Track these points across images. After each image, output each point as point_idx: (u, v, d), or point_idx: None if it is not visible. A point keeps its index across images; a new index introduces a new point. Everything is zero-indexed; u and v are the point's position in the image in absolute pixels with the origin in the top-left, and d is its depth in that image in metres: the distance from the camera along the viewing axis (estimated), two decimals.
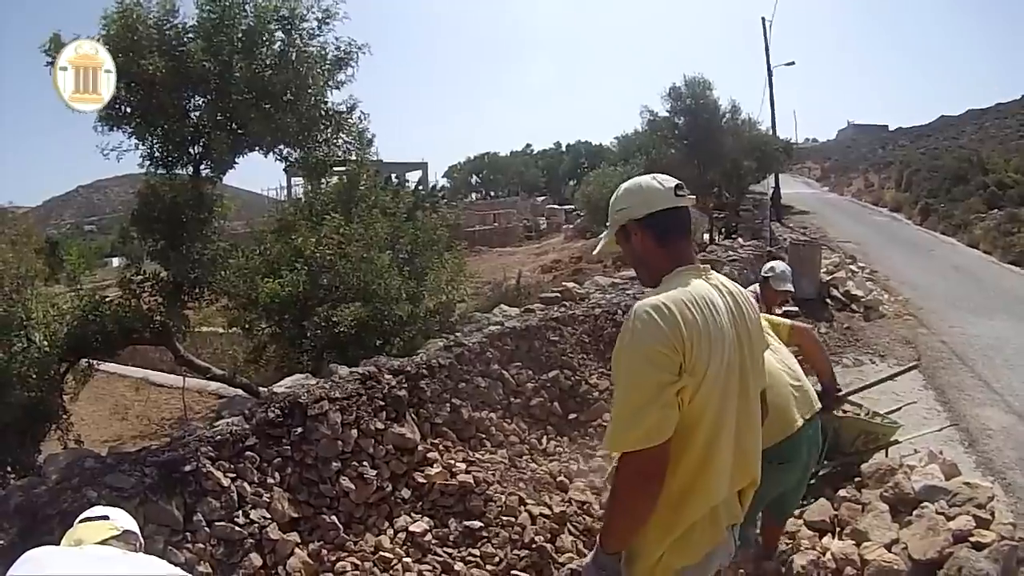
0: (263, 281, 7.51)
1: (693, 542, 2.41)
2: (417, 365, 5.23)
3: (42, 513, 3.42)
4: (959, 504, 3.94)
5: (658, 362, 2.20)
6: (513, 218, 41.00)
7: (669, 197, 2.48)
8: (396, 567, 4.06)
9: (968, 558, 3.41)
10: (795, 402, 3.56)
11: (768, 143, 25.19)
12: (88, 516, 2.26)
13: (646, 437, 2.20)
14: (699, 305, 2.28)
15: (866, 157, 46.08)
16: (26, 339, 6.34)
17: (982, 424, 8.19)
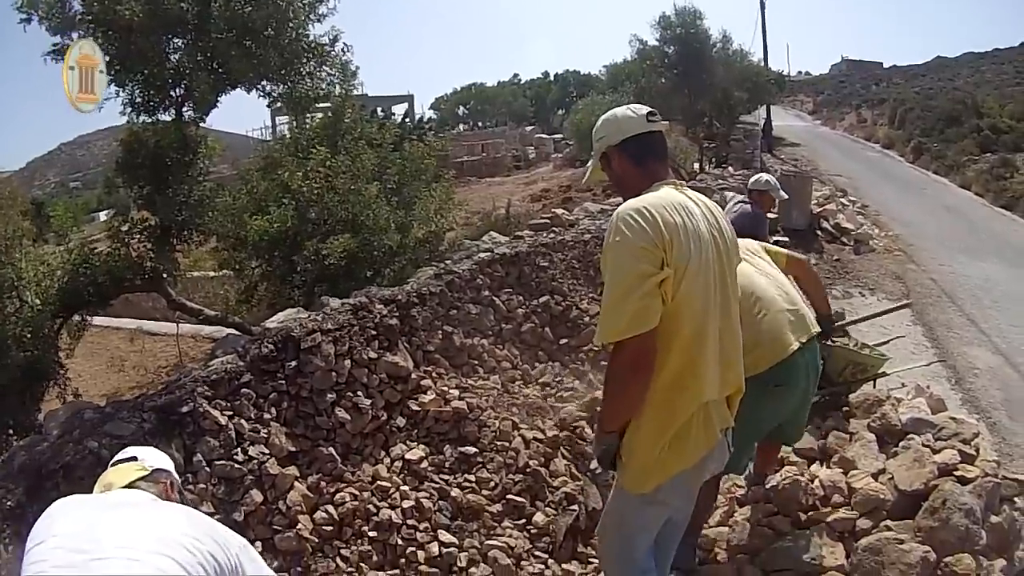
0: (251, 219, 7.45)
1: (689, 444, 2.57)
2: (408, 294, 5.23)
3: (46, 469, 3.42)
4: (945, 438, 3.96)
5: (641, 256, 2.41)
6: (501, 148, 40.47)
7: (641, 123, 2.74)
8: (394, 495, 4.10)
9: (952, 491, 3.45)
10: (790, 326, 3.56)
11: (760, 74, 24.94)
12: (118, 459, 2.27)
13: (633, 325, 2.40)
14: (676, 209, 2.50)
15: (859, 93, 45.68)
16: (18, 300, 6.31)
17: (969, 363, 8.31)
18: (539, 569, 3.87)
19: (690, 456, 2.61)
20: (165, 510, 1.99)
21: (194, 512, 2.03)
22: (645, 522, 2.85)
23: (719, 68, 21.08)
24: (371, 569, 3.78)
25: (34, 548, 1.74)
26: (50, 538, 1.76)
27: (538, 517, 4.13)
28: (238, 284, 8.72)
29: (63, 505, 1.93)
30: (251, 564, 1.96)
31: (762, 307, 3.56)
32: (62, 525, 1.81)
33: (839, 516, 3.75)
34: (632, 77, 21.96)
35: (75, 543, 1.72)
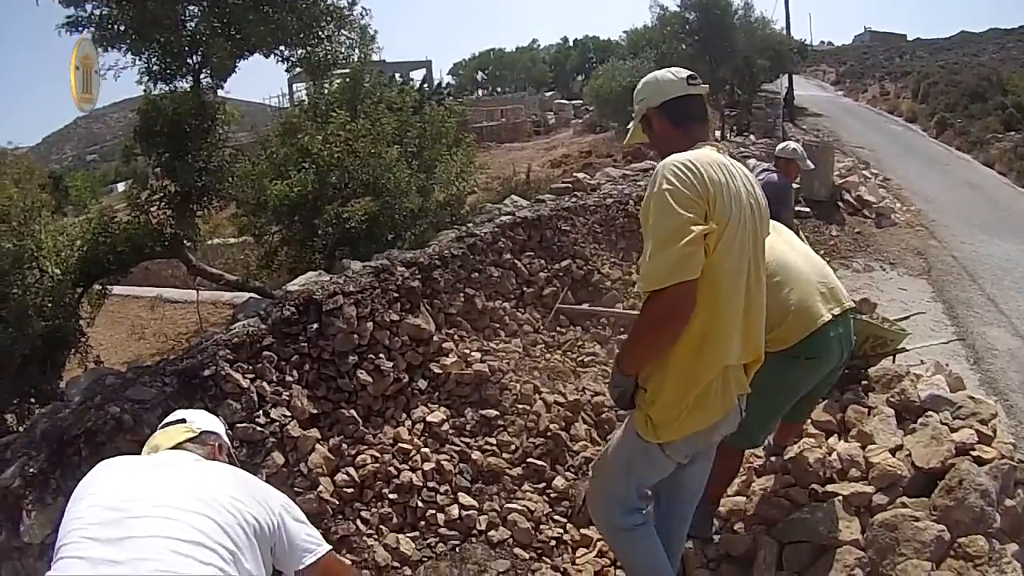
0: (271, 184, 7.44)
1: (708, 407, 2.65)
2: (430, 256, 5.24)
3: (68, 435, 3.44)
4: (963, 417, 3.95)
5: (688, 206, 2.44)
6: (521, 114, 40.10)
7: (682, 86, 2.78)
8: (415, 458, 4.13)
9: (969, 471, 3.43)
10: (820, 297, 3.55)
11: (782, 43, 24.62)
12: (167, 421, 2.28)
13: (675, 272, 2.42)
14: (718, 168, 2.55)
15: (882, 65, 45.03)
16: (38, 270, 6.34)
17: (988, 343, 8.25)
18: (558, 533, 3.90)
19: (707, 418, 2.67)
20: (207, 470, 1.99)
21: (238, 471, 2.04)
22: (647, 468, 2.92)
23: (741, 35, 20.80)
24: (391, 531, 3.80)
25: (73, 506, 1.76)
26: (88, 496, 1.77)
27: (558, 481, 4.17)
28: (258, 249, 8.73)
29: (106, 465, 1.93)
30: (294, 522, 1.96)
31: (790, 280, 3.55)
32: (101, 484, 1.83)
33: (856, 490, 3.75)
34: (653, 43, 21.71)
35: (112, 502, 1.73)
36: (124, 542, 1.61)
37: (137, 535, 1.63)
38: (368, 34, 7.27)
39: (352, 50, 7.22)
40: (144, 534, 1.63)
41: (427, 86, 34.57)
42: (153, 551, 1.60)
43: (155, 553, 1.60)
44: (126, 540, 1.62)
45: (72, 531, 1.67)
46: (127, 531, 1.64)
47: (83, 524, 1.67)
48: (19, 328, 5.70)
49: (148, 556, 1.59)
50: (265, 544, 1.83)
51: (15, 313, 5.79)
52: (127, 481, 1.84)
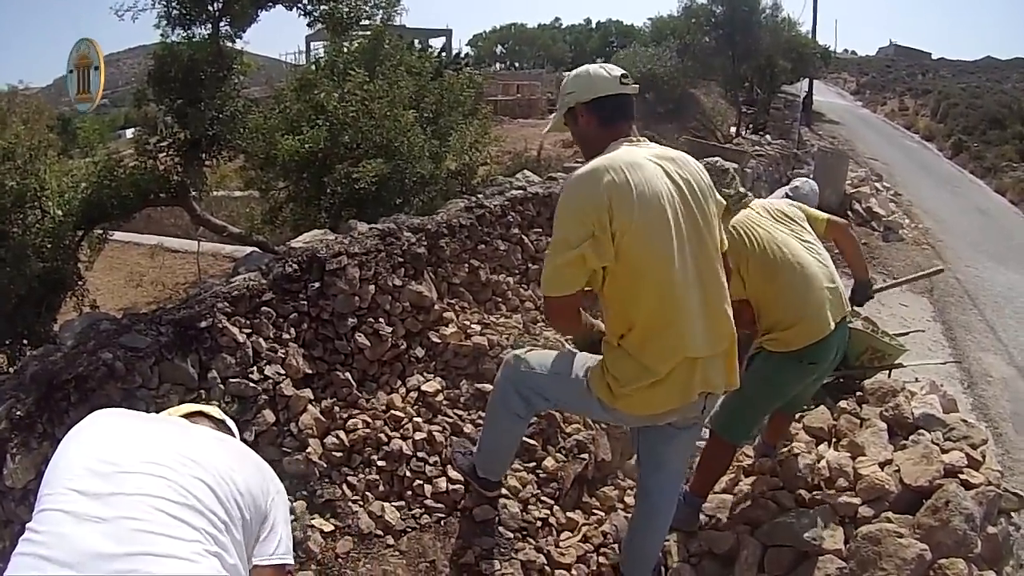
0: (283, 138, 7.39)
1: (662, 393, 2.70)
2: (437, 224, 5.15)
3: (58, 379, 3.36)
4: (954, 439, 3.97)
5: (572, 226, 2.63)
6: (537, 91, 39.88)
7: (615, 84, 2.86)
8: (406, 426, 4.09)
9: (956, 493, 3.46)
10: (829, 304, 3.57)
11: (806, 46, 24.60)
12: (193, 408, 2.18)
13: (551, 287, 2.74)
14: (623, 169, 2.61)
15: (904, 80, 45.02)
16: (40, 210, 6.29)
17: (983, 369, 8.31)
18: (544, 514, 3.88)
19: (657, 404, 2.73)
20: (212, 437, 1.94)
21: (248, 450, 1.98)
22: (571, 398, 3.15)
23: (766, 34, 20.82)
24: (377, 498, 3.77)
25: (62, 454, 1.72)
26: (78, 445, 1.73)
27: (548, 462, 4.14)
28: (263, 204, 8.67)
29: (101, 415, 1.88)
30: (282, 524, 1.88)
31: (807, 282, 3.57)
32: (94, 433, 1.78)
33: (843, 500, 3.78)
34: (676, 32, 21.67)
35: (104, 454, 1.68)
36: (110, 498, 1.57)
37: (124, 491, 1.58)
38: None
39: (376, 10, 7.16)
40: (132, 491, 1.59)
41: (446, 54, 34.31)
42: (140, 510, 1.55)
43: (142, 512, 1.55)
44: (113, 496, 1.57)
45: (58, 480, 1.62)
46: (115, 487, 1.59)
47: (71, 475, 1.62)
48: (17, 268, 5.67)
49: (134, 515, 1.54)
50: (255, 525, 1.77)
51: (13, 252, 5.77)
52: (122, 434, 1.79)
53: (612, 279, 2.70)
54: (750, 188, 10.37)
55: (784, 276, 3.54)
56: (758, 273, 3.61)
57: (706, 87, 23.07)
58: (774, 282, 3.57)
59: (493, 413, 3.52)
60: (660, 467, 3.23)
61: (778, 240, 3.65)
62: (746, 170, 10.32)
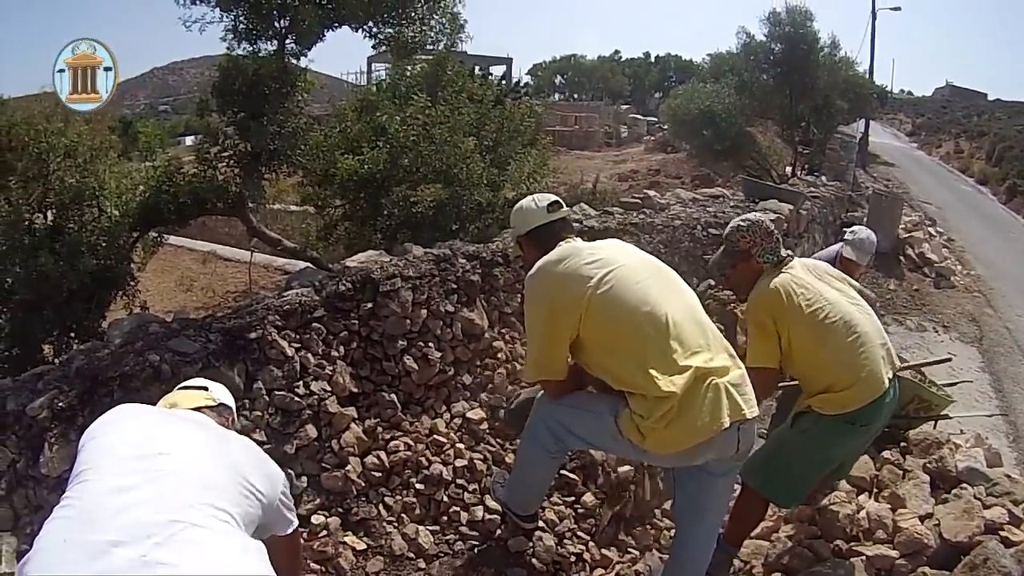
0: (342, 157, 7.50)
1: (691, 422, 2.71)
2: (492, 252, 5.19)
3: (103, 376, 3.44)
4: (996, 495, 3.86)
5: (544, 322, 2.98)
6: (595, 123, 40.12)
7: (542, 215, 3.26)
8: (448, 452, 4.11)
9: (995, 551, 3.38)
10: (883, 362, 3.50)
11: (863, 86, 24.18)
12: (187, 384, 2.37)
13: (541, 374, 3.16)
14: (562, 258, 3.01)
15: (960, 121, 44.16)
16: (97, 209, 6.47)
17: None
18: (579, 550, 3.84)
19: (687, 438, 2.76)
20: (228, 435, 2.10)
21: (253, 445, 2.16)
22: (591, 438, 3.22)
23: (823, 73, 20.61)
24: (412, 521, 3.79)
25: (98, 440, 1.84)
26: (116, 432, 1.86)
27: (587, 497, 4.12)
28: (318, 220, 8.80)
29: (130, 408, 2.03)
30: (286, 500, 2.14)
31: (861, 342, 3.45)
32: (130, 423, 1.92)
33: (880, 552, 3.70)
34: (735, 69, 21.49)
35: (142, 439, 1.82)
36: (152, 473, 1.70)
37: (166, 469, 1.72)
38: (458, 22, 7.33)
39: (441, 35, 7.26)
40: (173, 469, 1.72)
41: (506, 83, 34.59)
42: (179, 487, 1.69)
43: (181, 489, 1.68)
44: (155, 472, 1.70)
45: (99, 457, 1.75)
46: (156, 465, 1.72)
47: (110, 454, 1.76)
48: (70, 263, 5.84)
49: (175, 489, 1.67)
50: (263, 516, 1.92)
51: (68, 248, 5.94)
52: (158, 424, 1.95)
53: (589, 349, 2.97)
54: (804, 230, 10.32)
55: (837, 337, 3.40)
56: (807, 335, 3.45)
57: (763, 125, 22.90)
58: (826, 344, 3.41)
59: (524, 449, 3.55)
60: (698, 518, 3.19)
61: (828, 298, 3.51)
62: (801, 212, 10.25)
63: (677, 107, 21.94)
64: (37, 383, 3.52)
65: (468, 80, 9.00)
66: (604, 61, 73.00)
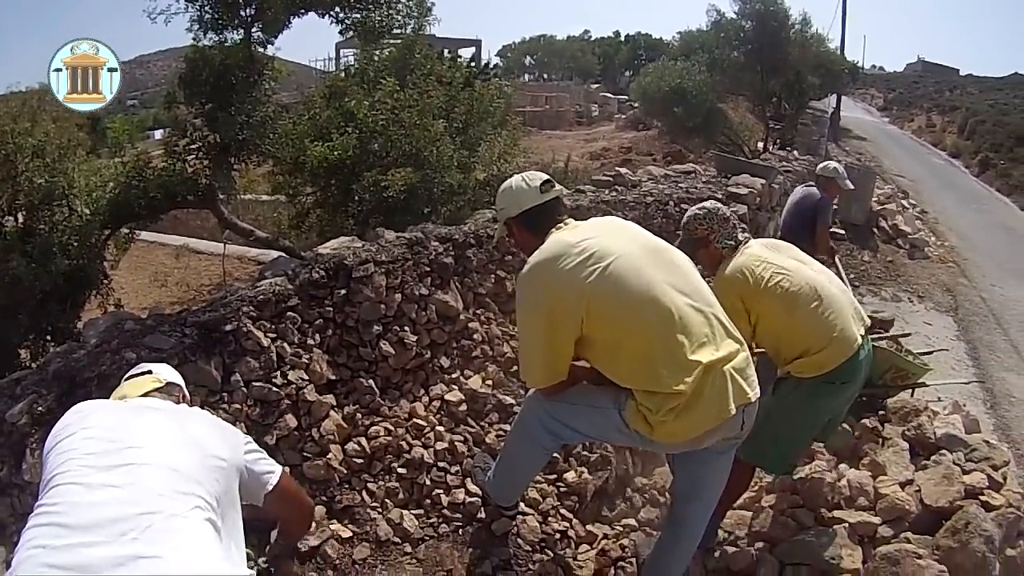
0: (312, 145, 7.45)
1: (699, 411, 2.70)
2: (465, 234, 5.16)
3: (80, 377, 3.42)
4: (975, 460, 3.96)
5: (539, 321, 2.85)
6: (565, 102, 40.12)
7: (535, 195, 3.10)
8: (428, 435, 4.09)
9: (976, 515, 3.43)
10: (852, 320, 3.56)
11: (835, 62, 24.38)
12: (132, 373, 2.40)
13: (541, 379, 3.05)
14: (563, 251, 2.84)
15: (931, 96, 44.55)
16: (67, 208, 6.39)
17: (1007, 389, 8.21)
18: (563, 527, 3.86)
19: (696, 427, 2.75)
20: (187, 413, 2.11)
21: (209, 415, 2.20)
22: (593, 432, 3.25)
23: (794, 49, 20.71)
24: (396, 506, 3.77)
25: (62, 441, 1.83)
26: (80, 431, 1.84)
27: (570, 475, 4.12)
28: (290, 209, 8.75)
29: (88, 406, 2.03)
30: (254, 455, 2.14)
31: (831, 305, 3.54)
32: (92, 420, 1.91)
33: (862, 519, 3.76)
34: (705, 47, 21.52)
35: (108, 435, 1.82)
36: (122, 468, 1.69)
37: (135, 462, 1.71)
38: (425, 5, 7.29)
39: (408, 19, 7.21)
40: (142, 461, 1.72)
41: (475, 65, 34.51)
42: (150, 477, 1.69)
43: (151, 479, 1.68)
44: (124, 466, 1.70)
45: (67, 461, 1.73)
46: (125, 459, 1.72)
47: (78, 454, 1.74)
48: (42, 264, 5.76)
49: (145, 482, 1.67)
50: (236, 482, 1.95)
51: (40, 249, 5.86)
52: (120, 418, 1.95)
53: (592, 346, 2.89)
54: (776, 204, 10.36)
55: (805, 302, 3.47)
56: (776, 307, 3.54)
57: (734, 102, 22.94)
58: (795, 310, 3.49)
59: (516, 446, 3.50)
60: (697, 495, 3.21)
61: (788, 268, 3.60)
62: (773, 185, 10.29)
63: (648, 85, 21.93)
64: (15, 389, 3.49)
65: (437, 63, 8.96)
66: (574, 41, 73.05)
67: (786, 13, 20.69)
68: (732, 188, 8.52)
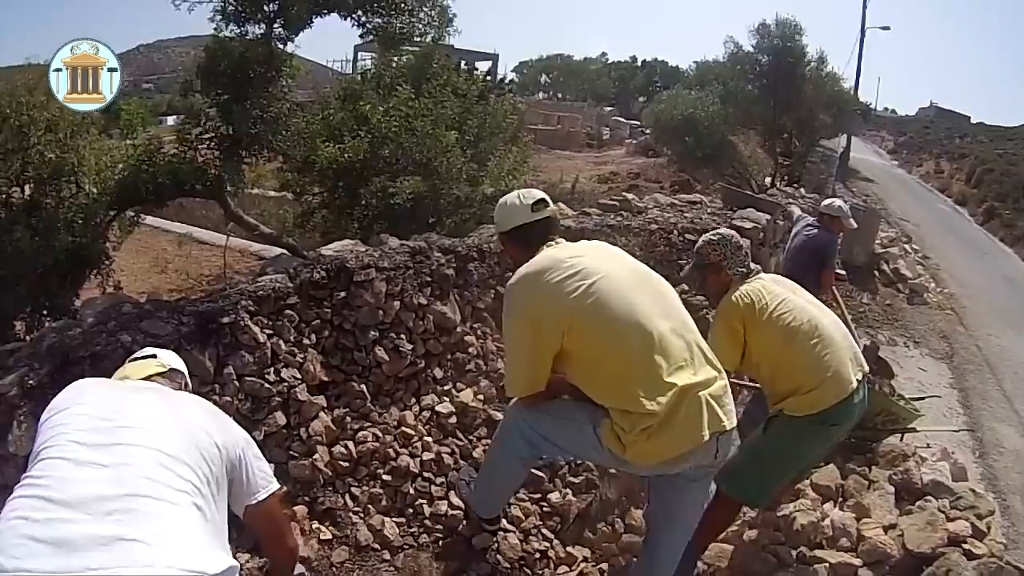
0: (323, 145, 7.47)
1: (671, 435, 2.71)
2: (468, 247, 5.16)
3: (74, 355, 3.42)
4: (960, 508, 3.95)
5: (524, 334, 2.94)
6: (577, 123, 40.22)
7: (526, 213, 3.13)
8: (416, 444, 4.09)
9: (958, 563, 3.43)
10: (850, 363, 3.57)
11: (848, 102, 24.42)
12: (136, 356, 2.38)
13: (524, 389, 3.12)
14: (544, 269, 2.90)
15: (942, 142, 44.61)
16: (75, 185, 6.41)
17: (996, 440, 8.19)
18: (544, 547, 3.85)
19: (667, 450, 2.76)
20: (185, 398, 2.11)
21: (210, 405, 2.15)
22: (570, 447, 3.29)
23: (809, 86, 20.78)
24: (378, 512, 3.77)
25: (56, 416, 1.83)
26: (75, 406, 1.85)
27: (554, 495, 4.11)
28: (296, 207, 8.77)
29: (87, 382, 2.04)
30: (254, 458, 2.08)
31: (825, 343, 3.55)
32: (88, 397, 1.91)
33: (843, 560, 3.75)
34: (720, 78, 21.60)
35: (101, 412, 1.81)
36: (112, 447, 1.69)
37: (125, 442, 1.71)
38: (447, 15, 7.32)
39: (429, 28, 7.25)
40: (131, 442, 1.72)
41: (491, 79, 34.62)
42: (138, 458, 1.68)
43: (140, 461, 1.67)
44: (114, 446, 1.70)
45: (57, 435, 1.74)
46: (116, 438, 1.71)
47: (70, 429, 1.74)
48: (46, 239, 5.77)
49: (133, 462, 1.66)
50: (228, 475, 1.93)
51: (45, 223, 5.88)
52: (115, 397, 1.94)
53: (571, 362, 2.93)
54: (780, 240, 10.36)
55: (802, 339, 3.51)
56: (774, 338, 3.58)
57: (745, 135, 22.97)
58: (791, 345, 3.52)
59: (495, 455, 3.55)
60: (671, 522, 3.20)
61: (794, 304, 3.64)
62: (778, 222, 10.29)
63: (661, 112, 22.03)
64: (8, 360, 3.48)
65: (453, 74, 8.98)
66: (591, 62, 73.11)
67: (803, 50, 20.79)
68: (737, 222, 8.51)
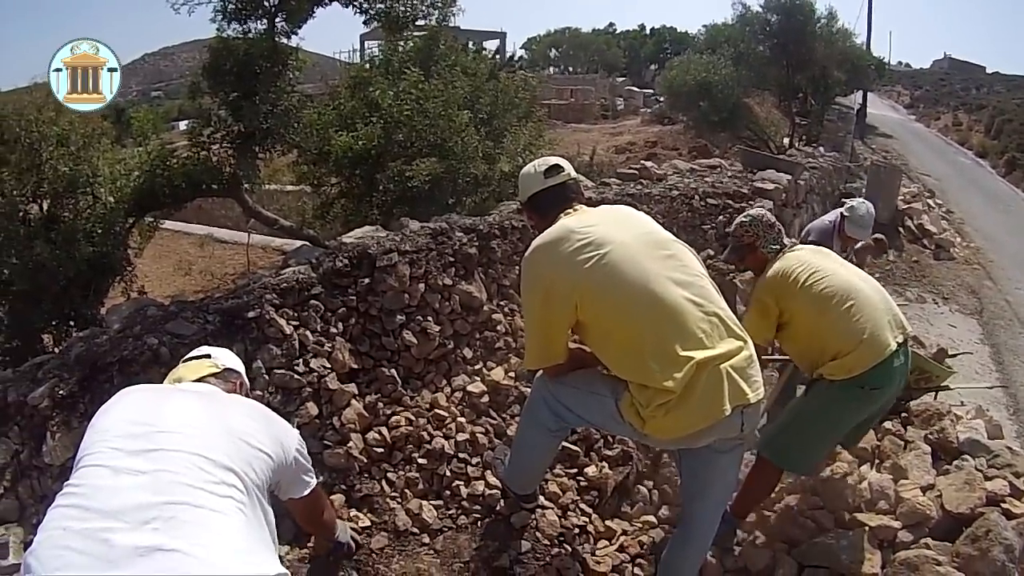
0: (336, 135, 7.46)
1: (690, 410, 2.67)
2: (490, 225, 5.15)
3: (102, 362, 3.43)
4: (998, 467, 3.89)
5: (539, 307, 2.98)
6: (590, 96, 39.94)
7: (539, 180, 3.16)
8: (450, 425, 4.09)
9: (997, 523, 3.38)
10: (887, 326, 3.53)
11: (861, 58, 24.10)
12: (191, 356, 2.39)
13: (542, 361, 3.17)
14: (566, 237, 2.89)
15: (958, 94, 44.03)
16: (92, 196, 6.44)
17: None
18: (583, 522, 3.84)
19: (686, 426, 2.72)
20: (232, 401, 2.11)
21: (260, 407, 2.18)
22: (592, 418, 3.23)
23: (820, 44, 20.49)
24: (415, 496, 3.77)
25: (99, 422, 1.85)
26: (116, 412, 1.86)
27: (590, 469, 4.11)
28: (315, 199, 8.77)
29: (132, 390, 2.04)
30: (303, 461, 2.20)
31: (862, 307, 3.53)
32: (129, 403, 1.92)
33: (883, 523, 3.72)
34: (731, 41, 21.34)
35: (141, 418, 1.82)
36: (150, 454, 1.69)
37: (164, 448, 1.71)
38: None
39: (432, 10, 7.20)
40: (171, 447, 1.71)
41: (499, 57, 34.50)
42: (177, 464, 1.67)
43: (179, 466, 1.67)
44: (152, 452, 1.69)
45: (97, 442, 1.75)
46: (154, 444, 1.71)
47: (110, 436, 1.75)
48: (66, 251, 5.82)
49: (172, 469, 1.66)
50: (275, 476, 1.97)
51: (64, 236, 5.93)
52: (156, 402, 1.95)
53: (587, 333, 2.96)
54: (802, 200, 10.28)
55: (835, 305, 3.50)
56: (808, 308, 3.59)
57: (760, 97, 22.71)
58: (827, 313, 3.52)
59: (523, 429, 3.56)
60: (702, 494, 3.17)
61: (827, 270, 3.64)
62: (799, 182, 10.20)
63: (673, 79, 21.78)
64: (37, 372, 3.52)
65: (461, 54, 8.94)
66: (599, 34, 72.55)
67: (812, 7, 20.52)
68: (758, 183, 8.44)
